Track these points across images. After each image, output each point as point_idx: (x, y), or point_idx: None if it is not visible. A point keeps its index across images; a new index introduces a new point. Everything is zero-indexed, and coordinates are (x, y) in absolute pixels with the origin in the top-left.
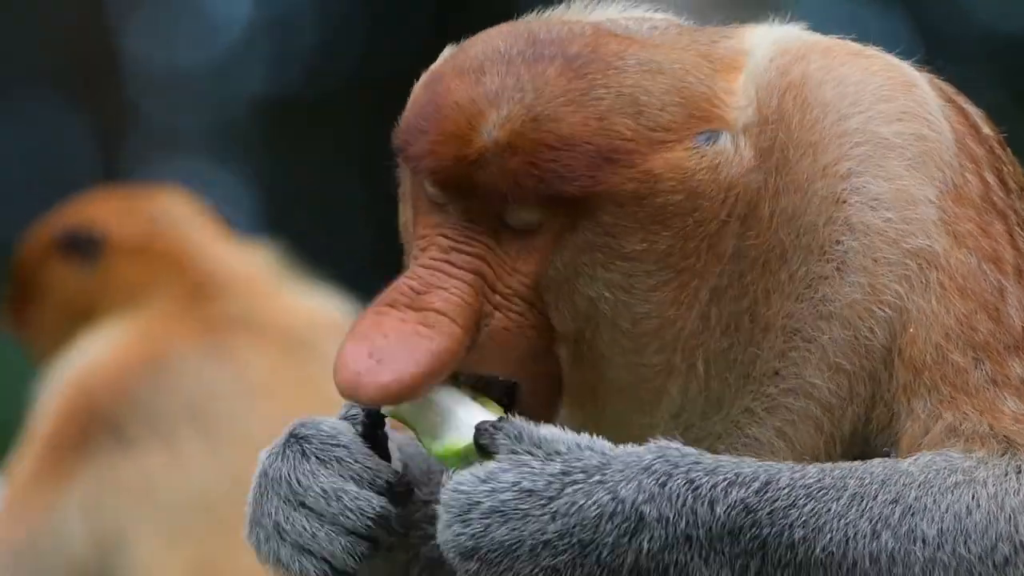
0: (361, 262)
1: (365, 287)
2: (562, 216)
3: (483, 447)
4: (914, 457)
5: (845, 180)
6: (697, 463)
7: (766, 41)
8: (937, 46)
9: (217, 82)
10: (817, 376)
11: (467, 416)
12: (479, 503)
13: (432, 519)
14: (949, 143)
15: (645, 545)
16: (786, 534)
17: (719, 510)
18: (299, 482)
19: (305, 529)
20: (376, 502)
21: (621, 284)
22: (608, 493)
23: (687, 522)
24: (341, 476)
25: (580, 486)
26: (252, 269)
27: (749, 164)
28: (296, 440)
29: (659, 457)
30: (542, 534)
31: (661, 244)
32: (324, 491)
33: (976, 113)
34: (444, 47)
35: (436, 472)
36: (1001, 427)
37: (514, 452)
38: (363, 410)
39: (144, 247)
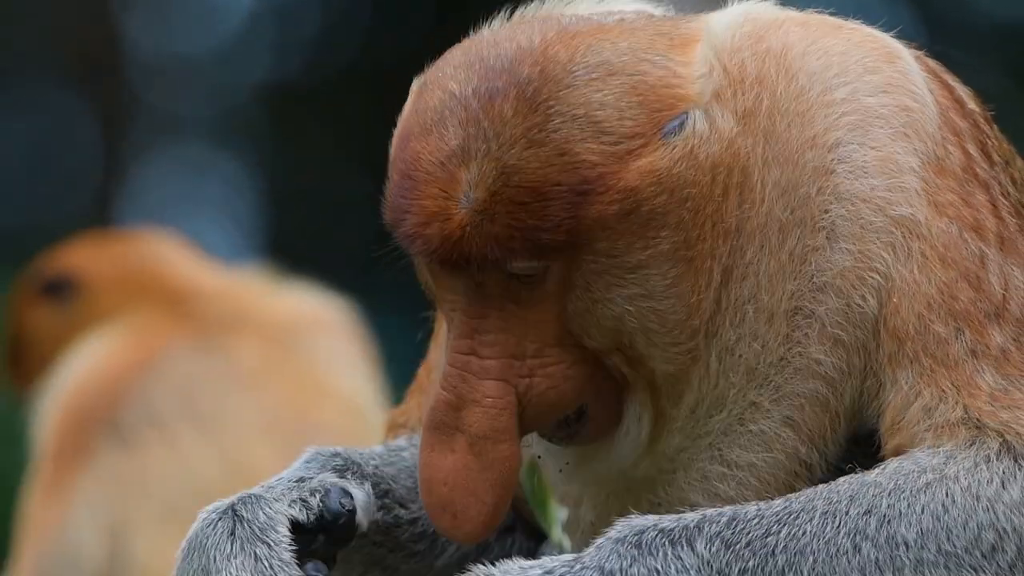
0: (362, 249)
1: (366, 275)
2: (560, 258)
3: None
4: (880, 468)
5: (833, 150)
6: (660, 517)
7: (728, 14)
8: (941, 33)
9: (219, 70)
10: (820, 351)
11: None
12: None
13: (419, 537)
14: (932, 115)
15: None
16: (770, 562)
17: (700, 548)
18: (215, 560)
19: None
20: None
21: (640, 293)
22: (596, 570)
23: (675, 568)
24: (251, 574)
25: None
26: (232, 280)
27: (730, 133)
28: (232, 515)
29: (624, 526)
30: None
31: (664, 244)
32: None
33: (962, 89)
34: (445, 36)
35: None
36: (975, 407)
37: None
38: (319, 506)
39: (117, 279)
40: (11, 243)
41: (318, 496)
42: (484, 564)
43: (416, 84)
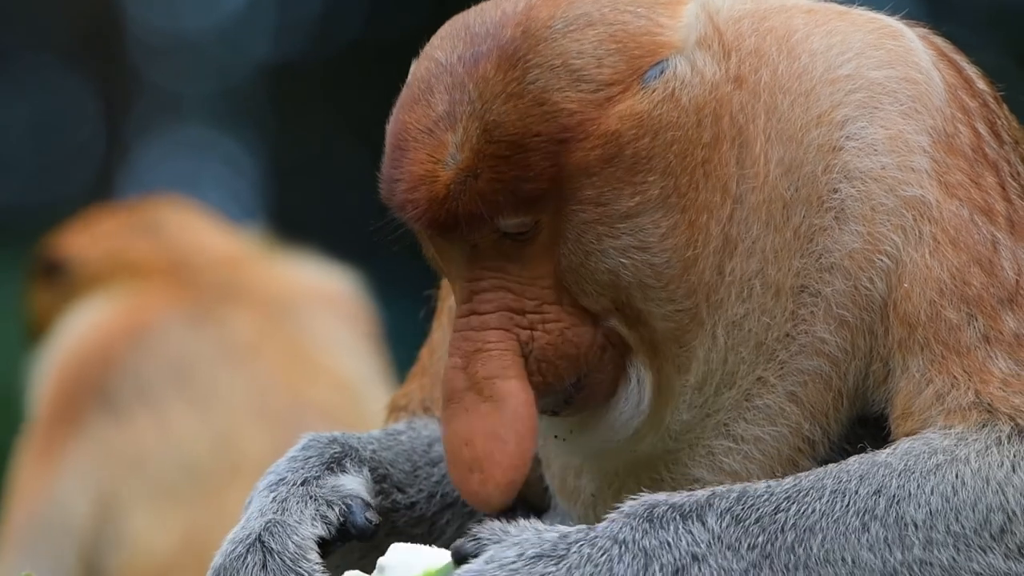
0: (363, 228)
1: (367, 255)
2: (547, 211)
3: (468, 553)
4: (892, 447)
5: (842, 127)
6: (671, 494)
7: None
8: (941, 10)
9: (222, 48)
10: (825, 330)
11: (428, 554)
12: None
13: (416, 522)
14: (939, 90)
15: (658, 574)
16: (779, 538)
17: (711, 522)
18: None
19: None
20: None
21: (634, 245)
22: (610, 539)
23: (687, 541)
24: None
25: (582, 543)
26: (234, 247)
27: (714, 77)
28: (261, 547)
29: (635, 502)
30: None
31: (653, 189)
32: None
33: (971, 69)
34: (446, 15)
35: (422, 468)
36: (987, 393)
37: (502, 541)
38: (339, 520)
39: (108, 256)
40: (14, 222)
41: (337, 510)
42: (501, 521)
43: (413, 63)
